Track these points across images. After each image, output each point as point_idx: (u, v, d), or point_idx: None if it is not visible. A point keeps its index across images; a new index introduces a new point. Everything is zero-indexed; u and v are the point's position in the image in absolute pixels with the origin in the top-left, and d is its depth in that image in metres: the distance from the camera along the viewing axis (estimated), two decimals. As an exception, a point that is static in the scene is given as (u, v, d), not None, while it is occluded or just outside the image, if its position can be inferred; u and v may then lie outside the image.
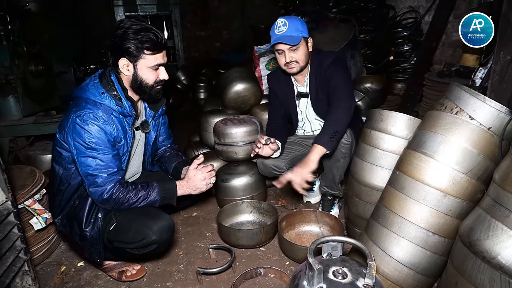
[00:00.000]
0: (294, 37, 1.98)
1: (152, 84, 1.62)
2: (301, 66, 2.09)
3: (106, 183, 1.54)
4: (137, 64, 1.57)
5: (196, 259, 1.96)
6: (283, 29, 1.99)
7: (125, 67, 1.57)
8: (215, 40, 7.29)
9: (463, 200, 1.33)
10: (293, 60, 2.05)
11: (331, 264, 1.29)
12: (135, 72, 1.58)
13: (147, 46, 1.52)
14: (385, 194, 1.53)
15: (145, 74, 1.59)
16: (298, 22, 2.02)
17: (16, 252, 1.44)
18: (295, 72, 2.11)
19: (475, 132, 1.31)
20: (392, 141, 1.68)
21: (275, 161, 2.21)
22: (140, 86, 1.61)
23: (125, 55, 1.54)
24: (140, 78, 1.59)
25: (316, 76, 2.13)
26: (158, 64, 1.59)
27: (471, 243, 1.17)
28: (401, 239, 1.41)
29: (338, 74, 2.03)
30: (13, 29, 2.71)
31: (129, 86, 1.63)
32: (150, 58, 1.56)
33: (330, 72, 2.06)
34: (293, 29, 1.98)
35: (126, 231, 1.57)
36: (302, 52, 2.05)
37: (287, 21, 1.99)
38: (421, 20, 3.84)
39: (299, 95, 2.24)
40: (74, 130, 1.51)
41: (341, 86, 1.98)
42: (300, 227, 2.10)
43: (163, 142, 2.01)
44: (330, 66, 2.06)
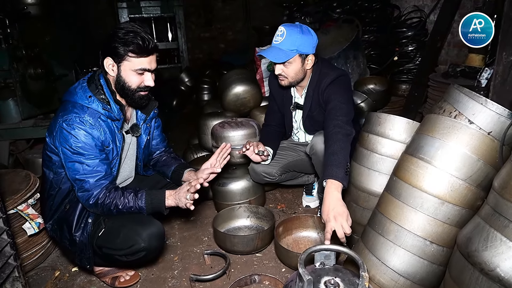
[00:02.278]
0: (284, 53, 1.82)
1: (134, 88, 1.58)
2: (290, 82, 1.94)
3: (93, 188, 1.52)
4: (121, 65, 1.54)
5: (191, 265, 1.92)
6: (278, 40, 1.83)
7: (110, 67, 1.56)
8: (219, 41, 7.28)
9: (462, 208, 1.28)
10: (282, 73, 1.91)
11: (324, 274, 1.24)
12: (119, 73, 1.55)
13: (132, 48, 1.50)
14: (382, 201, 1.48)
15: (128, 76, 1.55)
16: (297, 36, 1.80)
17: (5, 258, 1.42)
18: (284, 85, 1.98)
19: (474, 136, 1.25)
20: (390, 145, 1.63)
21: (266, 168, 2.17)
22: (123, 88, 1.58)
23: (111, 55, 1.53)
24: (123, 80, 1.56)
25: (314, 92, 1.99)
26: (143, 69, 1.55)
27: (469, 254, 1.12)
28: (397, 247, 1.36)
29: (337, 96, 1.84)
30: (12, 33, 2.72)
31: (114, 87, 1.61)
32: (135, 61, 1.53)
33: (328, 93, 1.89)
34: (289, 43, 1.81)
35: (114, 237, 1.54)
36: (292, 69, 1.88)
37: (286, 31, 1.81)
38: (426, 19, 3.76)
39: (296, 106, 2.15)
40: (61, 135, 1.49)
41: (340, 111, 1.78)
42: (298, 233, 2.05)
43: (157, 146, 1.98)
44: (329, 86, 1.90)
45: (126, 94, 1.59)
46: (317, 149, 1.91)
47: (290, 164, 2.20)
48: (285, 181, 2.31)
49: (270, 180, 2.22)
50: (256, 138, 2.43)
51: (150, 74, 1.58)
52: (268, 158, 2.14)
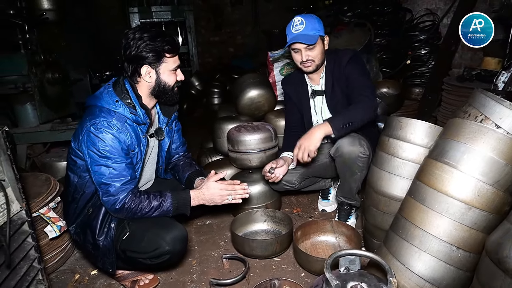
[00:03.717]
0: (311, 36, 1.95)
1: (173, 86, 1.67)
2: (317, 65, 2.06)
3: (119, 193, 1.53)
4: (159, 69, 1.61)
5: (210, 269, 1.92)
6: (299, 28, 1.95)
7: (147, 75, 1.60)
8: (228, 45, 7.32)
9: (490, 213, 1.26)
10: (309, 58, 2.02)
11: (349, 279, 1.24)
12: (158, 77, 1.62)
13: (168, 49, 1.57)
14: (405, 205, 1.46)
15: (167, 77, 1.64)
16: (315, 21, 1.99)
17: (30, 262, 1.44)
18: (310, 70, 2.08)
19: (502, 141, 1.24)
20: (412, 149, 1.62)
21: (286, 176, 2.18)
22: (163, 89, 1.65)
23: (146, 63, 1.57)
24: (164, 82, 1.64)
25: (333, 73, 2.09)
26: (177, 66, 1.65)
27: (500, 260, 1.11)
28: (422, 253, 1.35)
29: (359, 73, 2.02)
30: (31, 38, 2.77)
31: (149, 92, 1.66)
32: (170, 61, 1.62)
33: (349, 69, 2.03)
34: (310, 28, 1.95)
35: (139, 241, 1.55)
36: (318, 51, 2.02)
37: (304, 19, 1.96)
38: (439, 23, 3.75)
39: (314, 93, 2.19)
40: (88, 139, 1.50)
41: (364, 86, 1.97)
42: (316, 237, 2.05)
43: (176, 149, 2.00)
44: (349, 62, 2.03)
45: (166, 93, 1.67)
46: (343, 151, 1.90)
47: (309, 170, 2.20)
48: (304, 187, 2.32)
49: (290, 188, 2.23)
50: (272, 142, 2.44)
51: (179, 69, 1.68)
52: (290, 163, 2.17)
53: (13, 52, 2.85)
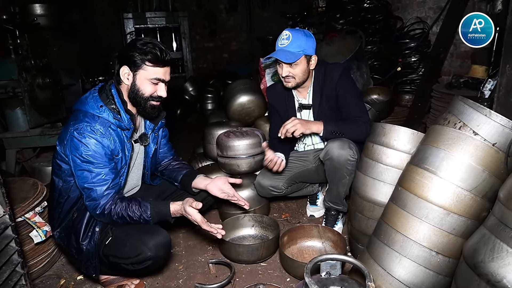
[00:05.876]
0: (292, 54, 1.93)
1: (147, 96, 1.61)
2: (297, 82, 2.04)
3: (101, 198, 1.53)
4: (136, 74, 1.58)
5: (196, 274, 1.92)
6: (284, 43, 1.95)
7: (125, 76, 1.60)
8: (223, 51, 7.37)
9: (468, 219, 1.28)
10: (289, 75, 2.00)
11: (329, 283, 1.25)
12: (134, 81, 1.59)
13: (149, 57, 1.55)
14: (387, 211, 1.48)
15: (143, 85, 1.60)
16: (303, 38, 1.94)
17: (13, 266, 1.43)
18: (290, 87, 2.07)
19: (479, 148, 1.26)
20: (395, 155, 1.64)
21: (272, 182, 2.18)
22: (136, 96, 1.61)
23: (128, 63, 1.58)
24: (137, 88, 1.60)
25: (322, 87, 2.08)
26: (158, 79, 1.59)
27: (475, 265, 1.12)
28: (403, 258, 1.36)
29: (350, 88, 2.05)
30: (22, 43, 2.77)
31: (127, 97, 1.64)
32: (150, 70, 1.57)
33: (340, 85, 2.04)
34: (295, 45, 1.93)
35: (121, 246, 1.55)
36: (299, 70, 2.00)
37: (291, 35, 1.93)
38: (429, 31, 3.80)
39: (301, 107, 2.19)
40: (72, 143, 1.51)
41: (361, 110, 2.03)
42: (303, 242, 2.05)
43: (164, 154, 2.00)
44: (340, 78, 2.04)
45: (138, 103, 1.63)
46: (333, 155, 1.91)
47: (296, 175, 2.21)
48: (291, 193, 2.32)
49: (277, 194, 2.24)
50: (261, 147, 2.44)
51: (163, 85, 1.63)
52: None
53: (4, 57, 2.86)
